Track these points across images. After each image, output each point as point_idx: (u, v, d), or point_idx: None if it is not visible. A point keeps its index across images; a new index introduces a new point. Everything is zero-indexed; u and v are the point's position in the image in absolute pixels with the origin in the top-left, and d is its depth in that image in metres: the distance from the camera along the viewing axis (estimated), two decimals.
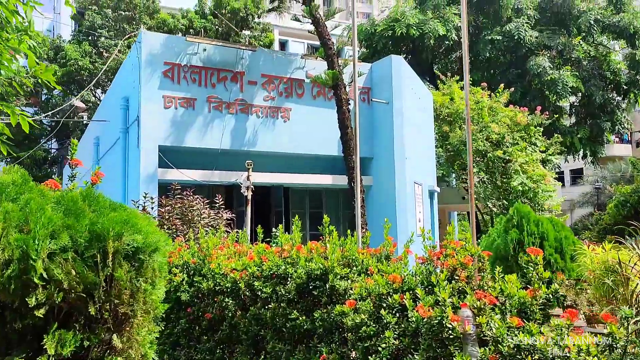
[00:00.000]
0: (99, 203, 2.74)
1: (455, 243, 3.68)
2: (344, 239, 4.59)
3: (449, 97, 17.72)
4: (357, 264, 4.28)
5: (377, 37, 21.73)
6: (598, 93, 21.89)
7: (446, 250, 3.62)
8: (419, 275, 3.67)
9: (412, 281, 3.64)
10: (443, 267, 3.57)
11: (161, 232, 3.03)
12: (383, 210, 12.32)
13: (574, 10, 22.21)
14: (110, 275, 2.62)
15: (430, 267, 3.63)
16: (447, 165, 18.03)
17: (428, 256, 3.69)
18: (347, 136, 10.45)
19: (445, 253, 3.59)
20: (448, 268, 3.53)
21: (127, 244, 2.65)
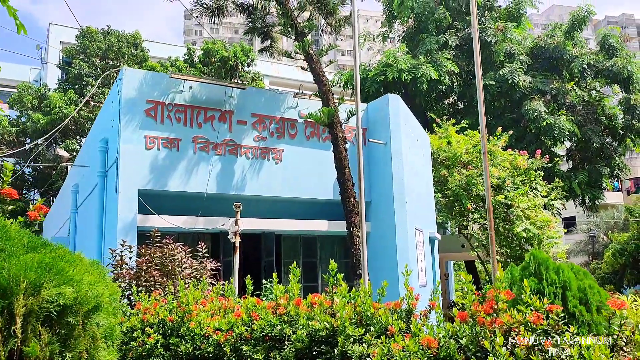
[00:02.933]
0: (9, 239, 1.83)
1: (506, 293, 2.80)
2: (355, 290, 3.68)
3: (446, 140, 17.12)
4: (375, 322, 3.36)
5: (369, 82, 21.32)
6: (595, 138, 21.50)
7: (496, 303, 2.73)
8: (461, 338, 2.76)
9: (453, 346, 2.73)
10: (493, 325, 2.67)
11: (108, 283, 2.12)
12: (383, 258, 11.39)
13: (566, 55, 22.09)
14: (19, 350, 1.69)
15: (477, 327, 2.72)
16: (445, 211, 17.21)
17: (472, 312, 2.79)
18: (345, 176, 9.65)
19: (497, 307, 2.69)
20: (501, 327, 2.64)
21: (48, 300, 1.74)
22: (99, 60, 26.74)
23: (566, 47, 22.05)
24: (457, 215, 17.07)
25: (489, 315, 2.68)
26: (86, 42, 26.18)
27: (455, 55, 22.40)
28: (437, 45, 21.69)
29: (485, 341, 2.48)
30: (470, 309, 2.75)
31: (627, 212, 40.67)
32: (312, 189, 11.61)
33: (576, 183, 21.29)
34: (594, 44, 24.36)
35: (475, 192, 15.77)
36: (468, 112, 22.67)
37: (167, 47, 35.45)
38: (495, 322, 2.63)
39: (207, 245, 10.55)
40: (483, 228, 16.59)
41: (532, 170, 17.03)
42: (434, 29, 22.65)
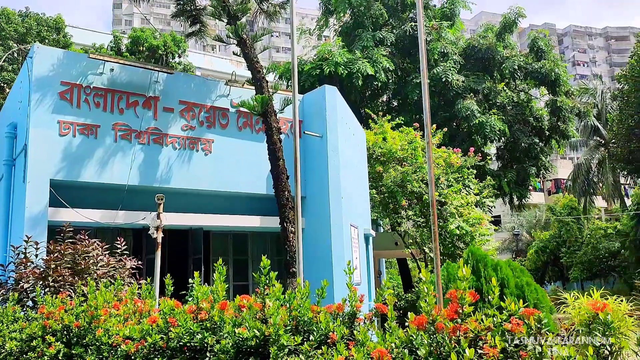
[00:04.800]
0: None
1: (470, 294, 2.36)
2: (290, 291, 3.14)
3: (382, 136, 16.92)
4: (314, 328, 2.84)
5: (305, 76, 20.87)
6: (523, 138, 22.08)
7: (461, 307, 2.28)
8: (419, 348, 2.29)
9: (408, 358, 2.26)
10: (458, 333, 2.22)
11: None
12: (317, 255, 10.93)
13: (497, 56, 22.55)
14: None
15: (438, 335, 2.26)
16: (380, 208, 17.00)
17: (432, 317, 2.33)
18: (279, 169, 9.09)
19: (463, 312, 2.24)
20: (466, 335, 2.19)
21: None
22: (17, 44, 24.75)
23: (497, 48, 22.51)
24: (391, 212, 16.91)
25: (453, 321, 2.24)
26: (1, 23, 24.16)
27: (391, 52, 22.36)
28: (373, 42, 21.54)
29: (452, 353, 2.02)
30: (431, 314, 2.29)
31: (549, 211, 42.60)
32: (244, 183, 10.97)
33: (505, 182, 21.77)
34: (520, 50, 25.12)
35: (410, 188, 15.65)
36: (402, 110, 22.69)
37: (93, 34, 33.48)
38: (460, 329, 2.19)
39: (128, 242, 9.71)
40: (417, 225, 16.52)
41: (465, 168, 17.15)
42: (370, 25, 22.50)
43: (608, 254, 33.01)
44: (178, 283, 5.20)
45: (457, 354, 2.02)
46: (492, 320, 2.20)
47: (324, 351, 2.54)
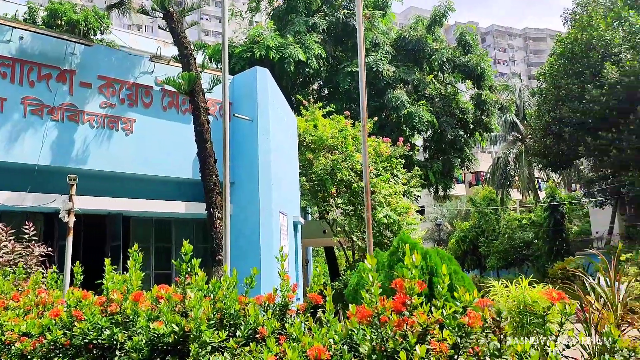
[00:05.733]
0: None
1: (418, 283, 2.13)
2: (215, 280, 2.80)
3: (313, 123, 16.70)
4: (241, 322, 2.53)
5: (235, 59, 20.24)
6: (449, 130, 22.59)
7: (410, 297, 2.04)
8: (361, 344, 2.03)
9: (348, 356, 2.00)
10: (405, 327, 1.99)
11: None
12: (245, 243, 10.56)
13: (427, 48, 22.88)
14: None
15: (387, 328, 2.01)
16: (309, 195, 16.81)
17: (378, 310, 2.07)
18: (206, 152, 8.62)
19: (412, 304, 2.01)
20: (415, 330, 1.96)
21: None
22: None
23: (427, 40, 22.84)
24: (320, 200, 16.76)
25: (400, 314, 2.00)
26: None
27: (323, 39, 22.15)
28: (305, 27, 21.23)
29: (401, 352, 1.78)
30: (375, 306, 2.04)
31: (470, 202, 44.23)
32: (169, 166, 10.38)
33: (432, 172, 22.21)
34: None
35: (340, 177, 15.56)
36: (333, 98, 22.57)
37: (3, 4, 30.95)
38: (407, 322, 1.95)
39: (39, 227, 8.94)
40: (345, 214, 16.48)
41: (394, 157, 17.27)
42: (303, 10, 22.15)
43: (522, 243, 34.64)
44: (93, 272, 4.71)
45: (406, 352, 1.79)
46: (441, 312, 1.99)
47: (253, 348, 2.24)
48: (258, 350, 2.23)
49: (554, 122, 27.88)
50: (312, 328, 2.20)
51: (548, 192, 32.91)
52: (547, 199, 32.08)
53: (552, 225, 31.01)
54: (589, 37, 26.08)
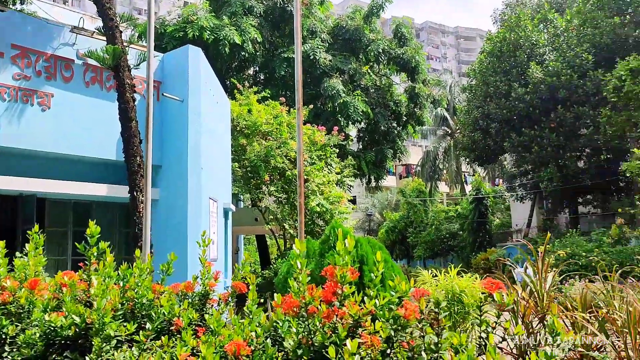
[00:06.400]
0: None
1: (351, 271, 1.95)
2: (126, 265, 2.51)
3: (247, 108, 16.30)
4: (153, 312, 2.26)
5: (167, 38, 19.46)
6: (383, 121, 22.81)
7: (341, 287, 1.86)
8: (286, 338, 1.84)
9: (272, 351, 1.80)
10: (335, 319, 1.81)
11: None
12: (172, 229, 10.11)
13: (364, 39, 22.93)
14: None
15: (315, 320, 1.82)
16: (241, 182, 16.44)
17: (305, 300, 1.88)
18: (131, 131, 8.11)
19: (343, 294, 1.83)
20: (345, 322, 1.78)
21: None
22: None
23: (364, 31, 22.88)
24: (253, 187, 16.44)
25: (330, 305, 1.81)
26: None
27: (260, 23, 21.69)
28: (242, 9, 20.69)
29: (330, 347, 1.59)
30: (303, 295, 1.84)
31: (400, 194, 45.18)
32: (91, 146, 9.73)
33: (365, 162, 22.37)
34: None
35: (274, 164, 15.30)
36: (269, 84, 22.22)
37: None
38: (338, 313, 1.77)
39: None
40: (278, 201, 16.26)
41: (328, 146, 17.19)
42: None
43: (448, 234, 35.75)
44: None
45: (335, 346, 1.61)
46: (374, 303, 1.83)
47: (164, 342, 1.99)
48: (171, 345, 1.99)
49: (482, 118, 28.83)
50: (232, 320, 1.98)
51: (474, 185, 34.07)
52: (473, 192, 33.22)
53: (477, 217, 32.17)
54: (517, 37, 27.07)
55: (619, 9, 24.60)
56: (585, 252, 19.91)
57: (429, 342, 1.64)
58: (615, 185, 27.02)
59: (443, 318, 1.70)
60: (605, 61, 24.39)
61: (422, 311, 1.71)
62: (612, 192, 27.62)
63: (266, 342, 1.81)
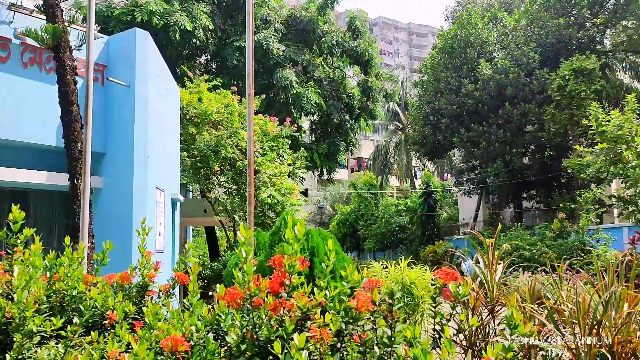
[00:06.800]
0: None
1: (301, 260, 1.83)
2: (53, 253, 2.30)
3: (197, 96, 15.90)
4: (83, 305, 2.07)
5: (114, 22, 18.74)
6: (336, 113, 22.78)
7: (289, 277, 1.73)
8: (229, 332, 1.69)
9: (213, 346, 1.66)
10: (283, 311, 1.68)
11: None
12: (116, 220, 9.71)
13: (318, 30, 22.79)
14: None
15: (261, 312, 1.69)
16: (190, 172, 16.04)
17: (250, 292, 1.74)
18: (72, 116, 7.69)
19: (291, 284, 1.70)
20: (293, 315, 1.66)
21: None
22: None
23: (319, 22, 22.74)
24: (202, 177, 16.08)
25: (277, 296, 1.68)
26: None
27: (212, 11, 21.21)
28: None
29: (275, 342, 1.46)
30: (247, 286, 1.70)
31: (351, 187, 45.47)
32: (28, 131, 9.20)
33: (317, 154, 22.30)
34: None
35: (224, 154, 15.00)
36: (221, 73, 21.79)
37: None
38: (286, 306, 1.65)
39: None
40: (228, 192, 15.98)
41: (280, 137, 17.02)
42: None
43: (398, 227, 36.26)
44: None
45: (282, 340, 1.48)
46: (325, 294, 1.71)
47: (94, 338, 1.81)
48: (102, 341, 1.81)
49: (432, 113, 29.29)
50: (171, 313, 1.82)
51: (423, 180, 34.63)
52: (422, 187, 33.77)
53: (426, 211, 32.74)
54: (467, 35, 27.59)
55: (564, 10, 25.42)
56: (528, 246, 20.56)
57: (381, 335, 1.54)
58: (558, 181, 28.03)
59: (397, 310, 1.61)
60: (551, 61, 25.19)
61: (375, 303, 1.61)
62: (554, 188, 28.65)
63: (207, 336, 1.67)
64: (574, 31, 24.71)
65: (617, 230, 19.98)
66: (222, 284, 5.29)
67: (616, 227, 20.46)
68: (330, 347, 1.60)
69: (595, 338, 2.94)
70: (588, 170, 14.83)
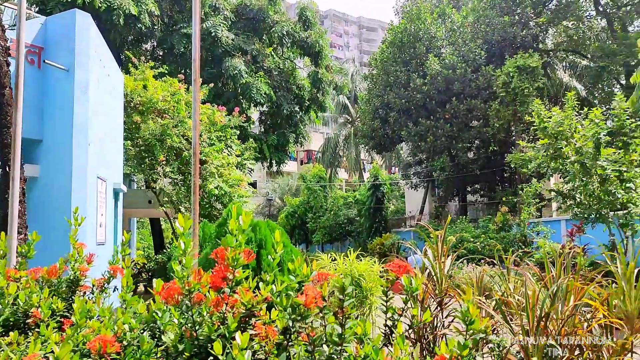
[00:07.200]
0: None
1: (246, 252, 1.70)
2: None
3: (142, 83, 15.36)
4: (1, 302, 1.88)
5: (53, 2, 17.84)
6: (285, 105, 22.59)
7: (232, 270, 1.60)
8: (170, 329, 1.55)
9: (148, 346, 1.52)
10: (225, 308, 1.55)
11: None
12: (54, 210, 9.25)
13: (268, 20, 22.49)
14: None
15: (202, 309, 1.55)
16: (134, 161, 15.51)
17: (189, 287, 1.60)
18: (3, 98, 7.22)
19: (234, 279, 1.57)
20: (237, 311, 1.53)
21: None
22: None
23: (269, 12, 22.44)
24: (147, 167, 15.58)
25: (219, 291, 1.55)
26: None
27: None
28: None
29: (216, 341, 1.33)
30: (186, 281, 1.56)
31: (301, 179, 45.44)
32: None
33: (266, 146, 22.07)
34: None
35: (170, 143, 14.58)
36: (168, 61, 21.18)
37: None
38: (228, 301, 1.52)
39: None
40: (174, 183, 15.56)
41: (229, 127, 16.70)
42: None
43: (346, 220, 36.44)
44: None
45: (224, 339, 1.36)
46: (271, 289, 1.59)
47: (14, 338, 1.62)
48: (23, 342, 1.63)
49: (381, 107, 29.53)
50: (100, 311, 1.66)
51: (372, 173, 34.93)
52: (371, 180, 34.07)
53: (374, 203, 33.06)
54: (417, 29, 27.91)
55: (509, 9, 26.10)
56: (472, 238, 21.08)
57: (331, 332, 1.44)
58: (501, 176, 28.88)
59: (348, 306, 1.51)
60: (496, 57, 25.83)
61: (324, 298, 1.51)
62: (497, 182, 29.50)
63: (142, 336, 1.52)
64: (518, 29, 25.42)
65: (555, 223, 20.78)
66: (166, 278, 5.07)
67: (555, 220, 21.27)
68: (277, 346, 1.49)
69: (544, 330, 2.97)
70: (530, 165, 15.28)
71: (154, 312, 1.61)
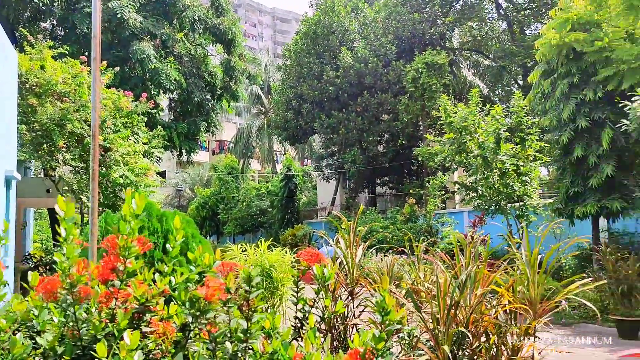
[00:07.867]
0: None
1: (139, 240, 1.52)
2: None
3: (40, 63, 14.23)
4: None
5: None
6: (197, 92, 21.92)
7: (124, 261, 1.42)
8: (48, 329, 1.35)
9: (18, 350, 1.30)
10: (115, 303, 1.37)
11: None
12: None
13: (179, 3, 21.65)
14: None
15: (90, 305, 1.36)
16: (30, 147, 14.35)
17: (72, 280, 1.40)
18: None
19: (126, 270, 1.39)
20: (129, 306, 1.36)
21: None
22: None
23: None
24: (45, 153, 14.48)
25: (108, 284, 1.37)
26: None
27: None
28: None
29: (100, 342, 1.16)
30: (69, 274, 1.36)
31: (212, 170, 44.55)
32: None
33: (176, 134, 21.33)
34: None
35: (70, 128, 13.63)
36: (69, 41, 19.82)
37: None
38: (119, 295, 1.34)
39: None
40: (75, 171, 14.60)
41: (135, 114, 15.90)
42: None
43: (259, 211, 36.23)
44: None
45: (112, 340, 1.19)
46: (169, 280, 1.43)
47: None
48: None
49: (294, 98, 29.53)
50: None
51: (285, 164, 34.91)
52: (284, 171, 34.05)
53: (286, 195, 33.09)
54: (331, 22, 28.12)
55: (418, 6, 26.94)
56: (381, 229, 21.64)
57: (236, 328, 1.30)
58: (409, 169, 29.88)
59: (255, 298, 1.38)
60: (406, 53, 26.60)
61: (229, 290, 1.37)
62: (405, 175, 30.49)
63: (13, 337, 1.31)
64: (427, 27, 26.30)
65: (459, 214, 21.80)
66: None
67: (458, 211, 22.31)
68: (175, 344, 1.33)
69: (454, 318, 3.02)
70: (436, 158, 15.87)
71: (29, 310, 1.39)
